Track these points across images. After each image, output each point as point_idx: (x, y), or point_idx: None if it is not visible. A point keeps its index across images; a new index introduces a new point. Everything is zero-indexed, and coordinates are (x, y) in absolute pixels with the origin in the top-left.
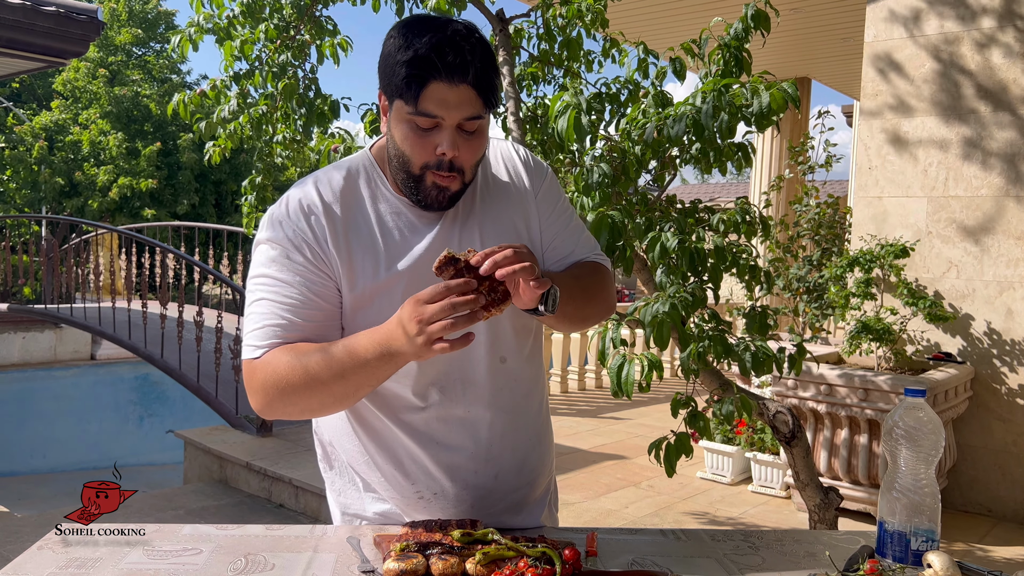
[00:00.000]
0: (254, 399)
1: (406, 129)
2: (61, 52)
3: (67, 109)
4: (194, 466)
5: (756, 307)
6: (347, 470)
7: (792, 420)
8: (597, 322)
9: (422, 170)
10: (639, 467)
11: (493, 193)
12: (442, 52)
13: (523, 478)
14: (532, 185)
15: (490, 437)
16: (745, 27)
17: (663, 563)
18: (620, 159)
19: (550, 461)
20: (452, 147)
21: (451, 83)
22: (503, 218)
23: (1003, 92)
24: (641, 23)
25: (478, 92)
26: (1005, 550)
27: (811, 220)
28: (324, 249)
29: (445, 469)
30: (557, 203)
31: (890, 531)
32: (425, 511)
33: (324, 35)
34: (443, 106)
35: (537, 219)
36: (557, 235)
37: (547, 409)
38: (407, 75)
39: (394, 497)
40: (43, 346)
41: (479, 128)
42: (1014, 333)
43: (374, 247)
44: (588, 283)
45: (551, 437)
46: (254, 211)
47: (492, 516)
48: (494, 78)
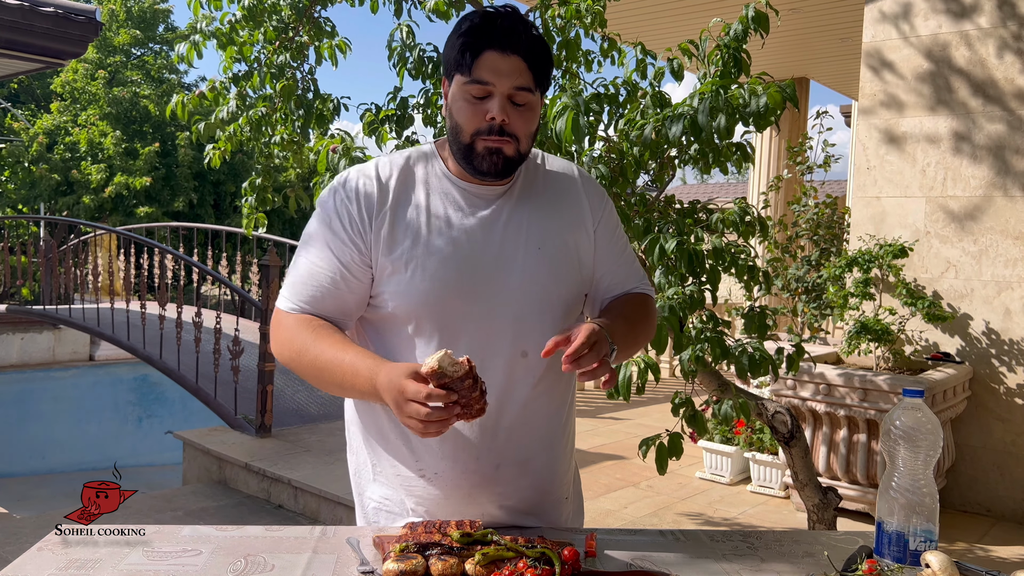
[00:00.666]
0: (274, 346)
1: (461, 102)
2: (59, 53)
3: (66, 111)
4: (193, 467)
5: (755, 308)
6: (361, 449)
7: (791, 420)
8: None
9: (473, 137)
10: (638, 467)
11: (547, 197)
12: (494, 22)
13: (527, 478)
14: (592, 209)
15: (496, 427)
16: (744, 28)
17: (662, 563)
18: (618, 160)
19: (563, 470)
20: (502, 112)
21: (503, 52)
22: (552, 226)
23: (1000, 91)
24: (639, 23)
25: (528, 64)
26: (1004, 550)
27: (810, 220)
28: (364, 220)
29: (449, 449)
30: (615, 233)
31: (888, 531)
32: (423, 493)
33: (323, 36)
34: (495, 73)
35: (592, 243)
36: (612, 265)
37: (569, 419)
38: (462, 44)
39: (397, 476)
40: (42, 347)
41: (529, 103)
42: (1012, 333)
43: (417, 220)
44: (638, 321)
45: (567, 448)
46: (254, 212)
47: (490, 507)
48: (545, 57)
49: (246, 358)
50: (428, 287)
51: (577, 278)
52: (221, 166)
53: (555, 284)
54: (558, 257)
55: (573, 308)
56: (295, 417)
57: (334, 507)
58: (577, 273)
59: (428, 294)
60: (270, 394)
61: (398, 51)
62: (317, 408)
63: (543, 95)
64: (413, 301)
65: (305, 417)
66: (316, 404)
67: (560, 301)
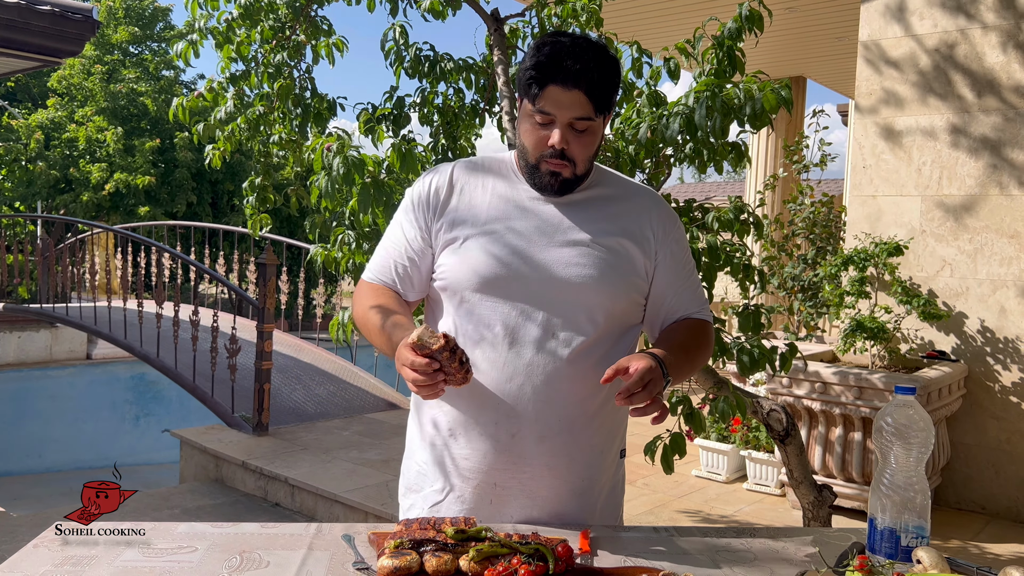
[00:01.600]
0: (353, 310)
1: (528, 124)
2: (56, 51)
3: (63, 107)
4: (190, 465)
5: (750, 306)
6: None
7: (786, 418)
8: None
9: (537, 159)
10: (635, 465)
11: (610, 207)
12: (560, 60)
13: (542, 456)
14: (655, 228)
15: (517, 396)
16: (739, 26)
17: (656, 560)
18: (614, 159)
19: (583, 459)
20: (561, 141)
21: (565, 87)
22: (609, 228)
23: (997, 89)
24: (635, 23)
25: (589, 98)
26: (999, 547)
27: (806, 219)
28: (434, 203)
29: (472, 410)
30: (680, 256)
31: (880, 528)
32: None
33: (320, 35)
34: (557, 106)
35: (651, 261)
36: (671, 286)
37: (603, 412)
38: (530, 78)
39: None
40: (39, 345)
41: (590, 128)
42: (1007, 331)
43: (480, 209)
44: (694, 349)
45: (594, 438)
46: (257, 212)
47: (503, 476)
48: (609, 88)
49: (243, 357)
50: (478, 263)
51: (624, 283)
52: (220, 165)
53: (599, 282)
54: (606, 257)
55: (621, 314)
56: (292, 416)
57: (331, 505)
58: (625, 278)
59: (479, 270)
60: (267, 393)
61: (394, 50)
62: (314, 407)
63: (607, 117)
64: (463, 276)
65: (302, 416)
66: (313, 403)
67: (602, 295)
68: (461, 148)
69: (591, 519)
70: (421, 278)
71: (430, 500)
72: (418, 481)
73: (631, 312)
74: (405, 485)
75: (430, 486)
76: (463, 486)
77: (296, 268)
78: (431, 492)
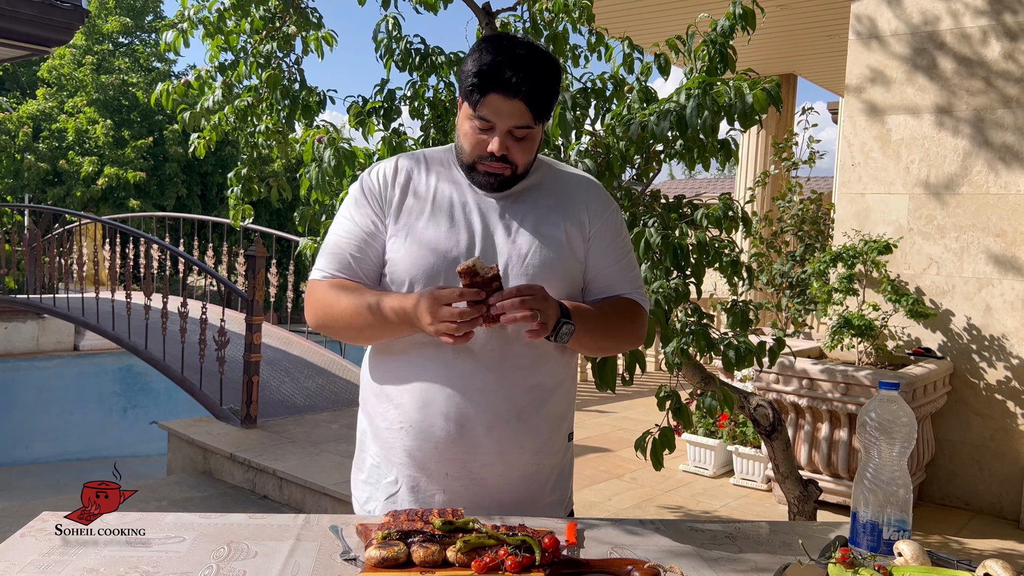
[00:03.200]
0: (308, 315)
1: (467, 127)
2: (45, 40)
3: (53, 97)
4: (178, 457)
5: (738, 303)
6: (364, 412)
7: (772, 413)
8: (617, 352)
9: (474, 161)
10: (622, 460)
11: (551, 195)
12: (502, 71)
13: (492, 444)
14: (591, 212)
15: (467, 388)
16: (731, 24)
17: (642, 552)
18: (604, 155)
19: (531, 445)
20: (500, 148)
21: (506, 97)
22: (550, 217)
23: (986, 90)
24: (627, 18)
25: (530, 107)
26: (981, 543)
27: (795, 216)
28: (383, 194)
29: (422, 403)
30: (615, 239)
31: (863, 521)
32: (400, 444)
33: (309, 27)
34: (497, 114)
35: (584, 244)
36: (607, 268)
37: (552, 399)
38: (472, 85)
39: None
40: (25, 336)
41: (528, 135)
42: (992, 329)
43: (425, 197)
44: (613, 318)
45: (543, 425)
46: (240, 203)
47: (452, 465)
48: (549, 96)
49: (232, 349)
50: (421, 255)
51: (566, 268)
52: (208, 157)
53: (543, 269)
54: (549, 245)
55: (563, 297)
56: (281, 408)
57: (319, 498)
58: (566, 264)
59: (421, 262)
60: (255, 385)
61: (385, 43)
62: (303, 400)
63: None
64: (408, 268)
65: (291, 408)
66: (302, 396)
67: (547, 284)
68: (452, 141)
69: (540, 503)
70: (377, 270)
71: (385, 492)
72: (373, 474)
73: (574, 298)
74: (360, 478)
75: (384, 478)
76: (417, 477)
77: (286, 261)
78: (386, 484)
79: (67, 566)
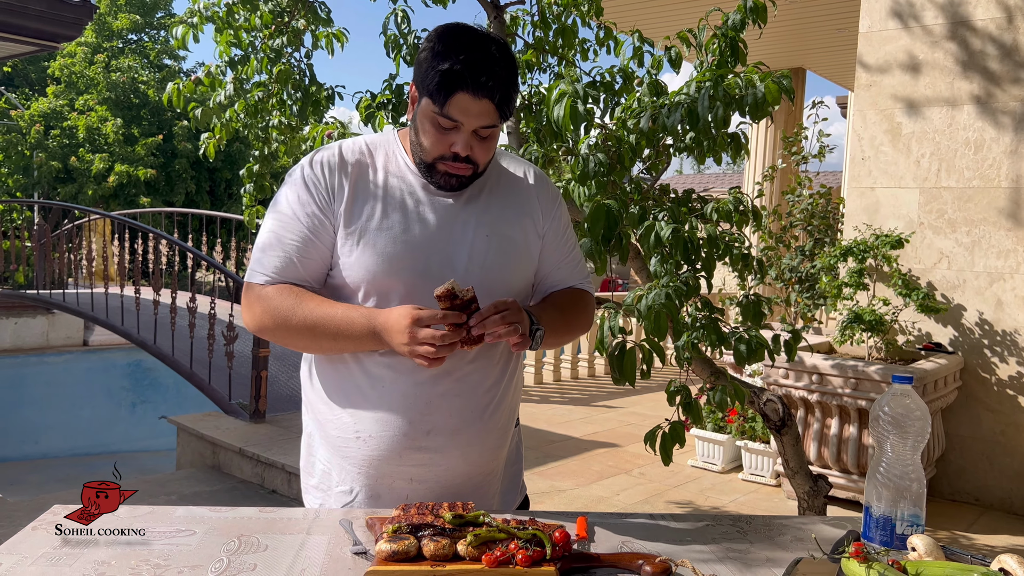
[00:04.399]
0: (251, 319)
1: (428, 125)
2: (54, 36)
3: (63, 95)
4: (187, 452)
5: (750, 296)
6: (311, 419)
7: (782, 408)
8: (571, 342)
9: (435, 160)
10: (631, 455)
11: (501, 191)
12: (474, 71)
13: (457, 448)
14: (543, 207)
15: (429, 395)
16: (743, 18)
17: (652, 547)
18: (615, 148)
19: (493, 444)
20: (466, 148)
21: (476, 97)
22: (503, 216)
23: (998, 84)
24: (635, 13)
25: (497, 107)
26: (991, 538)
27: (804, 210)
28: (330, 192)
29: (384, 414)
30: (564, 232)
31: (876, 515)
32: (357, 454)
33: (318, 22)
34: (465, 114)
35: (539, 237)
36: (559, 263)
37: (506, 397)
38: (439, 82)
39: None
40: (35, 331)
41: (492, 134)
42: (1004, 324)
43: (374, 199)
44: (571, 313)
45: (501, 423)
46: (254, 203)
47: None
48: (513, 95)
49: (240, 344)
50: (375, 262)
51: (523, 266)
52: (218, 154)
53: (501, 269)
54: (505, 245)
55: (519, 295)
56: (289, 403)
57: None
58: (523, 262)
59: (375, 269)
60: (264, 380)
61: (393, 37)
62: None
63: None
64: (361, 274)
65: (299, 403)
66: None
67: (504, 285)
68: None
69: (496, 491)
70: (322, 271)
71: (340, 500)
72: (324, 480)
73: (526, 294)
74: (310, 483)
75: (337, 486)
76: (376, 486)
77: None
78: (340, 492)
79: (79, 559)
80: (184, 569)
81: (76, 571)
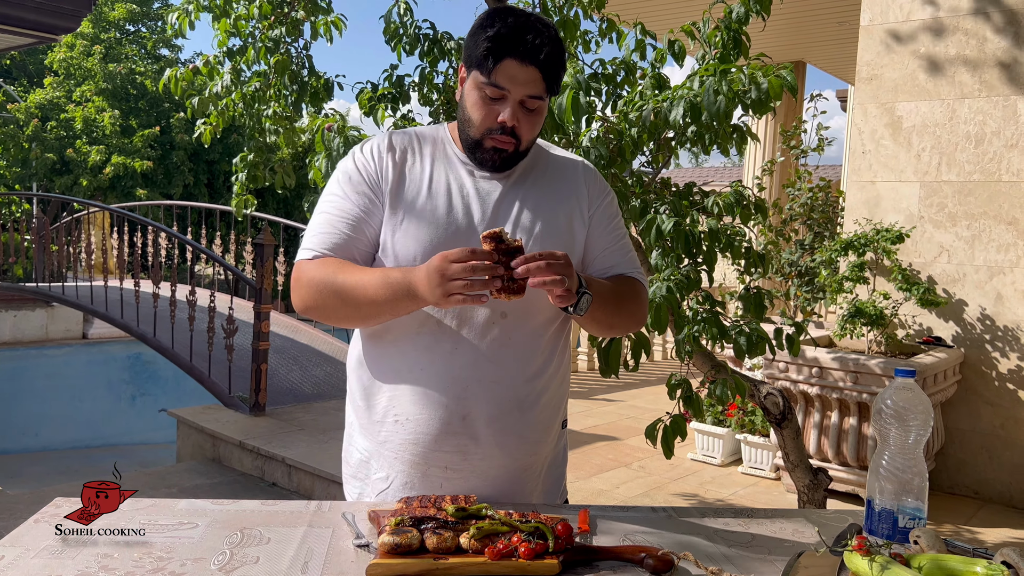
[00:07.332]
0: (297, 295)
1: (477, 97)
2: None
3: (60, 86)
4: (187, 445)
5: (751, 289)
6: (352, 404)
7: (783, 401)
8: (624, 333)
9: (483, 134)
10: (631, 448)
11: (547, 179)
12: (521, 34)
13: (492, 436)
14: (591, 195)
15: (467, 379)
16: (746, 10)
17: (654, 539)
18: (616, 141)
19: (533, 438)
20: (512, 117)
21: (523, 63)
22: (547, 202)
23: (998, 76)
24: (637, 5)
25: (543, 76)
26: (991, 532)
27: (804, 204)
28: (379, 176)
29: (420, 396)
30: (612, 221)
31: (878, 509)
32: (394, 438)
33: (318, 12)
34: (511, 81)
35: (585, 227)
36: (606, 249)
37: (549, 389)
38: (487, 49)
39: (377, 422)
40: (34, 324)
41: (538, 108)
42: (1004, 318)
43: (419, 185)
44: (623, 295)
45: (541, 417)
46: (244, 192)
47: (455, 457)
48: (560, 71)
49: (240, 337)
50: (418, 245)
51: (567, 250)
52: (215, 145)
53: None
54: (549, 230)
55: None
56: (289, 396)
57: (328, 485)
58: (568, 245)
59: (418, 251)
60: (264, 373)
61: (395, 27)
62: (311, 387)
63: (552, 97)
64: (405, 257)
65: (299, 396)
66: (310, 383)
67: None
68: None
69: (535, 490)
70: (371, 252)
71: (376, 488)
72: (362, 469)
73: None
74: (349, 473)
75: (375, 474)
76: (411, 472)
77: (293, 249)
78: (376, 480)
79: (81, 552)
80: (187, 562)
81: (79, 563)
